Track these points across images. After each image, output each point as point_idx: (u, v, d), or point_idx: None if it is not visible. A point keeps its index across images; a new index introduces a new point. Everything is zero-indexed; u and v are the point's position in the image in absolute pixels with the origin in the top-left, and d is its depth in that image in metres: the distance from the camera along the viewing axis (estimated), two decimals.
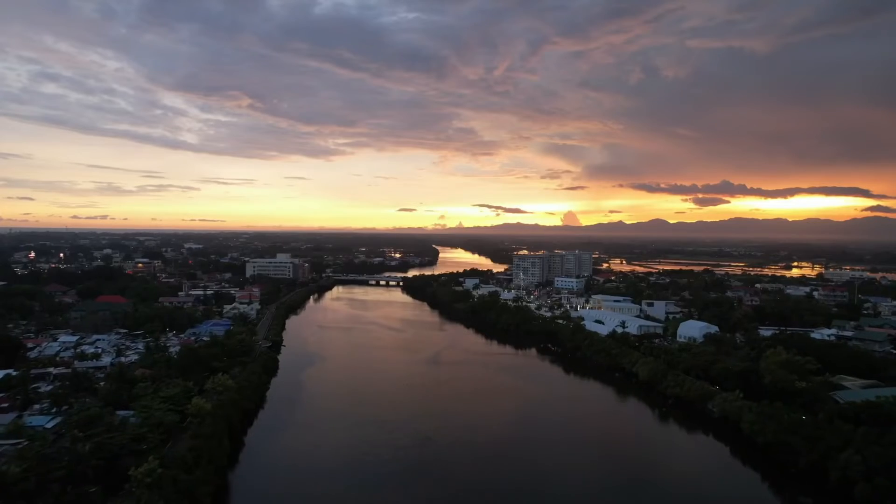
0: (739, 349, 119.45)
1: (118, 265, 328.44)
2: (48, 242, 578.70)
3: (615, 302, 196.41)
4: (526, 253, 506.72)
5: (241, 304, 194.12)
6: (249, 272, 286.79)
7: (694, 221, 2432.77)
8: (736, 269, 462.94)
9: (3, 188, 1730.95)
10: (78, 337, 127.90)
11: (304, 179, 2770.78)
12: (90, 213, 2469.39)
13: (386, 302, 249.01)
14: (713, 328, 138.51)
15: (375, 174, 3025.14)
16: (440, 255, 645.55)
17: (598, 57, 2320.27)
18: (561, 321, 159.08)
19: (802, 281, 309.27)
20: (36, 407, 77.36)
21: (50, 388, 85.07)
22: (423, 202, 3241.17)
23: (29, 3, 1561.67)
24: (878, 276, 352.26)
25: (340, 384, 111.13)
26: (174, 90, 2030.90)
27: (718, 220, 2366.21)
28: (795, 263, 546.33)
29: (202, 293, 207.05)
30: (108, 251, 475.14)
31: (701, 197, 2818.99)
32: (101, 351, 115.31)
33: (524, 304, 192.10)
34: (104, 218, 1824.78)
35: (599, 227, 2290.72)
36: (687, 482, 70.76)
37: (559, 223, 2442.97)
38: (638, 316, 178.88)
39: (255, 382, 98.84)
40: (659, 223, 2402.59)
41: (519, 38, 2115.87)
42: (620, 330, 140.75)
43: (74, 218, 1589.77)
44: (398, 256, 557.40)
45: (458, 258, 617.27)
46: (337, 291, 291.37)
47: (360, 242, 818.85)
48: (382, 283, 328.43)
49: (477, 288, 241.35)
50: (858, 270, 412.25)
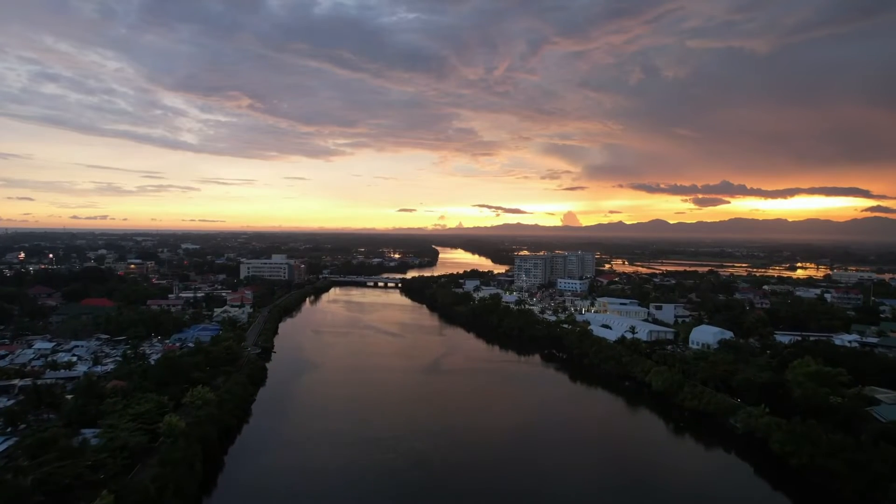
0: (758, 357, 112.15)
1: (110, 266, 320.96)
2: (43, 243, 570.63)
3: (621, 305, 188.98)
4: (527, 254, 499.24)
5: (232, 307, 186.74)
6: (244, 273, 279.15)
7: (694, 222, 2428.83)
8: (740, 269, 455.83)
9: (2, 188, 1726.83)
10: (54, 344, 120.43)
11: (303, 180, 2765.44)
12: (90, 213, 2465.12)
13: (384, 304, 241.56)
14: (728, 333, 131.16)
15: (375, 174, 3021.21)
16: (440, 255, 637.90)
17: (598, 57, 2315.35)
18: (566, 325, 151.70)
19: (811, 282, 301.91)
20: None
21: (11, 402, 77.61)
22: (422, 202, 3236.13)
23: (29, 3, 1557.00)
24: (886, 277, 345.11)
25: (333, 396, 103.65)
26: (174, 90, 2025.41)
27: (718, 220, 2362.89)
28: (800, 264, 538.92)
29: (192, 296, 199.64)
30: (102, 251, 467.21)
31: (701, 197, 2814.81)
32: (76, 359, 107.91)
33: (527, 307, 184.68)
34: (104, 218, 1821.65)
35: (599, 227, 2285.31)
36: None
37: (559, 223, 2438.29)
38: (646, 320, 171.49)
39: (239, 394, 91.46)
40: (659, 223, 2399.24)
41: (519, 38, 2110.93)
42: (630, 336, 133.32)
43: (74, 218, 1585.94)
44: (397, 257, 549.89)
45: (457, 259, 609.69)
46: (334, 293, 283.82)
47: (359, 243, 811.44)
48: (381, 284, 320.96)
49: (478, 290, 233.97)
50: (864, 271, 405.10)
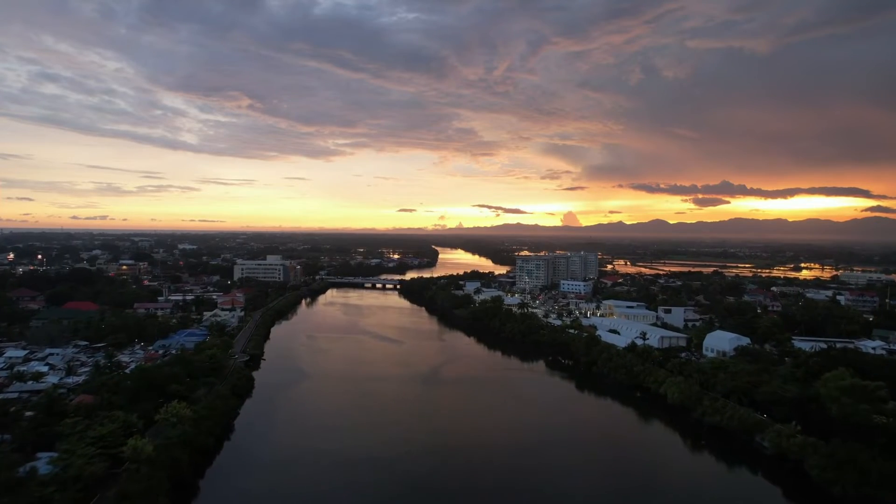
0: (780, 366, 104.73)
1: (102, 267, 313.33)
2: (38, 243, 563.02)
3: (628, 308, 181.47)
4: (528, 254, 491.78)
5: (223, 310, 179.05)
6: (237, 275, 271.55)
7: (694, 222, 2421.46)
8: (744, 270, 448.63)
9: (2, 188, 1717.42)
10: (27, 351, 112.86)
11: (303, 180, 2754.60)
12: (90, 213, 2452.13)
13: (381, 307, 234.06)
14: (744, 340, 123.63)
15: (375, 174, 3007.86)
16: (440, 255, 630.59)
17: (597, 57, 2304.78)
18: (573, 331, 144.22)
19: (820, 283, 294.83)
20: None
21: None
22: (422, 202, 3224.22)
23: (29, 3, 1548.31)
24: (894, 277, 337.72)
25: (324, 409, 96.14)
26: (174, 90, 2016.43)
27: (718, 220, 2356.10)
28: (805, 265, 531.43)
29: (181, 298, 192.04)
30: (97, 252, 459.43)
31: (701, 197, 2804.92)
32: (48, 369, 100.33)
33: (530, 310, 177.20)
34: (104, 218, 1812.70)
35: (599, 227, 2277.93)
36: None
37: (559, 223, 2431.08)
38: (654, 324, 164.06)
39: (220, 409, 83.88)
40: (659, 223, 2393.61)
41: (519, 38, 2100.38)
42: (641, 342, 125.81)
43: (74, 218, 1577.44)
44: (396, 258, 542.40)
45: (457, 259, 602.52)
46: (330, 295, 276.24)
47: (358, 243, 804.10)
48: (379, 285, 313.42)
49: (478, 292, 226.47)
50: (870, 272, 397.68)
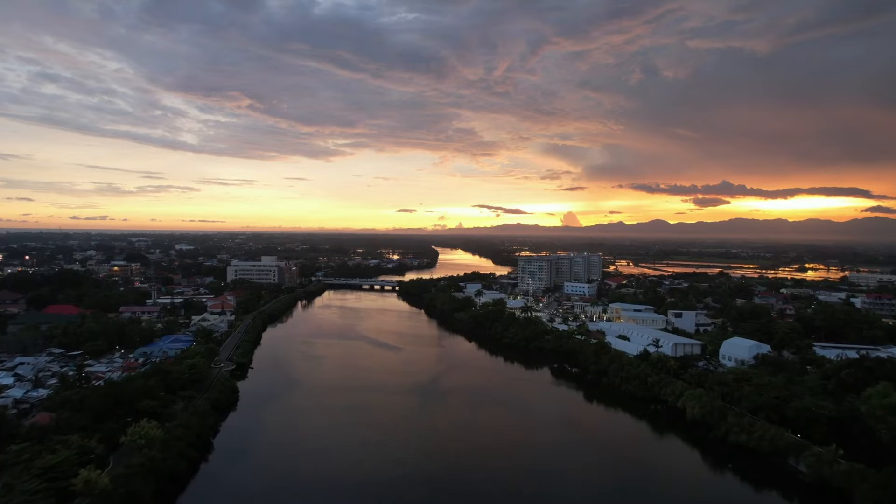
0: (805, 376, 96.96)
1: (93, 268, 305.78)
2: (34, 244, 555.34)
3: (636, 312, 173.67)
4: (529, 254, 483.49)
5: (212, 314, 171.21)
6: (230, 276, 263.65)
7: (694, 222, 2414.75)
8: (749, 271, 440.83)
9: (2, 189, 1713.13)
10: None
11: (303, 180, 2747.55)
12: (90, 213, 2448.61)
13: (379, 310, 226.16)
14: (764, 347, 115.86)
15: (375, 175, 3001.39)
16: (439, 256, 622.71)
17: (597, 57, 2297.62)
18: (580, 337, 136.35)
19: (830, 285, 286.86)
20: None
21: None
22: (422, 203, 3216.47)
23: (29, 3, 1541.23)
24: None
25: (312, 426, 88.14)
26: (174, 91, 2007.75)
27: (719, 220, 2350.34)
28: (810, 265, 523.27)
29: (170, 301, 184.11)
30: (91, 253, 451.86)
31: (701, 197, 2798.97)
32: (14, 381, 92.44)
33: (534, 314, 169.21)
34: (104, 219, 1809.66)
35: (599, 227, 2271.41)
36: None
37: (559, 224, 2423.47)
38: (665, 329, 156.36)
39: (196, 427, 75.91)
40: (659, 224, 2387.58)
41: (519, 38, 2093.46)
42: (654, 350, 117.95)
43: (74, 219, 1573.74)
44: (395, 258, 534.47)
45: (457, 259, 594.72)
46: (327, 297, 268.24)
47: (358, 243, 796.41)
48: (377, 287, 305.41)
49: (479, 294, 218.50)
50: (877, 273, 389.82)
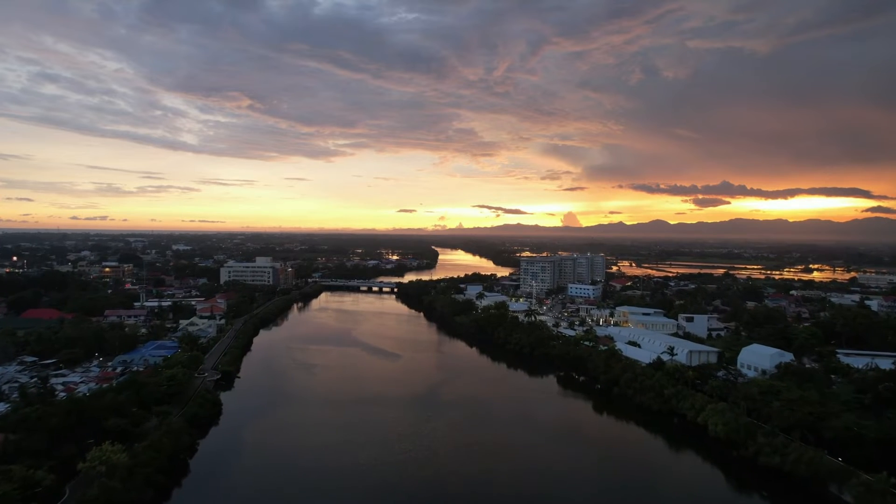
0: (834, 387, 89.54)
1: (84, 269, 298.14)
2: (29, 244, 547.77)
3: (645, 316, 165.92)
4: (530, 255, 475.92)
5: (201, 318, 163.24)
6: (224, 278, 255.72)
7: (694, 222, 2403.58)
8: (754, 272, 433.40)
9: (2, 189, 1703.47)
10: None
11: (303, 180, 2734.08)
12: (90, 213, 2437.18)
13: (377, 313, 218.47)
14: (787, 356, 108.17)
15: (375, 175, 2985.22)
16: (440, 256, 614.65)
17: (598, 57, 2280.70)
18: (587, 343, 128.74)
19: (841, 287, 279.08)
20: None
21: None
22: (423, 203, 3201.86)
23: (29, 3, 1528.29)
24: None
25: (299, 444, 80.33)
26: (174, 91, 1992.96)
27: (719, 220, 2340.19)
28: (815, 266, 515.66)
29: (157, 304, 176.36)
30: (85, 253, 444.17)
31: (701, 198, 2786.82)
32: None
33: (538, 318, 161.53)
34: (104, 219, 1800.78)
35: (599, 227, 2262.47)
36: None
37: (559, 224, 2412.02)
38: (676, 334, 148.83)
39: (168, 449, 68.27)
40: (659, 224, 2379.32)
41: (519, 38, 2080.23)
42: (668, 358, 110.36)
43: (74, 219, 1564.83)
44: (395, 259, 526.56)
45: (458, 260, 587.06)
46: (324, 299, 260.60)
47: (357, 244, 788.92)
48: (375, 289, 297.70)
49: (481, 297, 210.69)
50: (884, 274, 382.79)
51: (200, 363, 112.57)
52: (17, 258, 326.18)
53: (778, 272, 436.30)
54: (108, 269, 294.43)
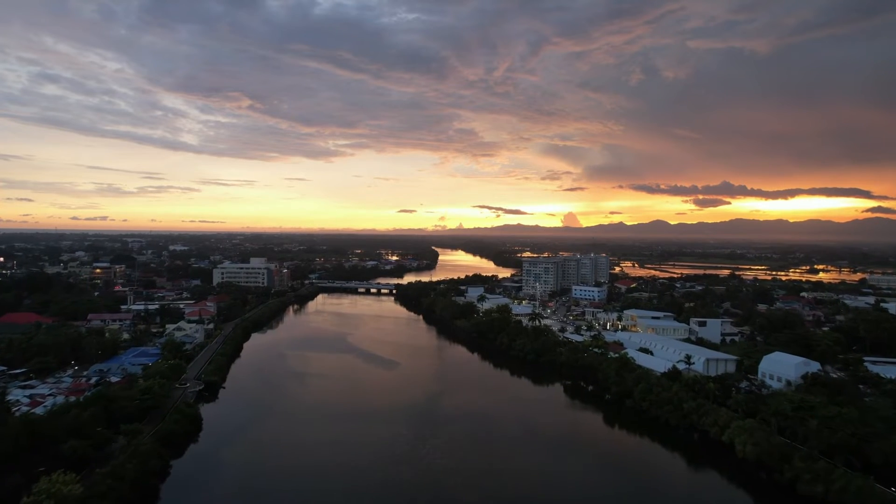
0: (873, 402, 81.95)
1: (74, 270, 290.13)
2: (23, 244, 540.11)
3: (654, 320, 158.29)
4: (530, 255, 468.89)
5: (189, 322, 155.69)
6: (217, 279, 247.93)
7: (695, 223, 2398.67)
8: (759, 272, 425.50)
9: (2, 189, 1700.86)
10: None
11: (304, 181, 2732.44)
12: (90, 214, 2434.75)
13: (374, 316, 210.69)
14: (813, 365, 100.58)
15: (376, 175, 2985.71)
16: (440, 257, 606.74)
17: (598, 57, 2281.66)
18: (596, 350, 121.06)
19: (852, 288, 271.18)
20: None
21: None
22: (423, 203, 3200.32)
23: (29, 4, 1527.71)
24: None
25: (283, 469, 72.30)
26: (174, 91, 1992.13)
27: (719, 220, 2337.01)
28: (820, 266, 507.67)
29: (143, 308, 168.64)
30: (80, 254, 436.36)
31: (701, 198, 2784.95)
32: None
33: (542, 322, 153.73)
34: (104, 219, 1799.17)
35: (600, 228, 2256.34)
36: None
37: (559, 224, 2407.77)
38: (688, 339, 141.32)
39: (133, 474, 60.44)
40: (660, 224, 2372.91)
41: (519, 38, 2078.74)
42: (684, 367, 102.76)
43: (74, 219, 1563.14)
44: (395, 259, 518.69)
45: (458, 261, 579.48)
46: (320, 301, 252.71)
47: (357, 244, 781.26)
48: (373, 290, 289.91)
49: (482, 299, 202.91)
50: (892, 275, 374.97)
51: (183, 372, 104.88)
52: (7, 259, 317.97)
53: (783, 273, 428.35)
54: (98, 270, 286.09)
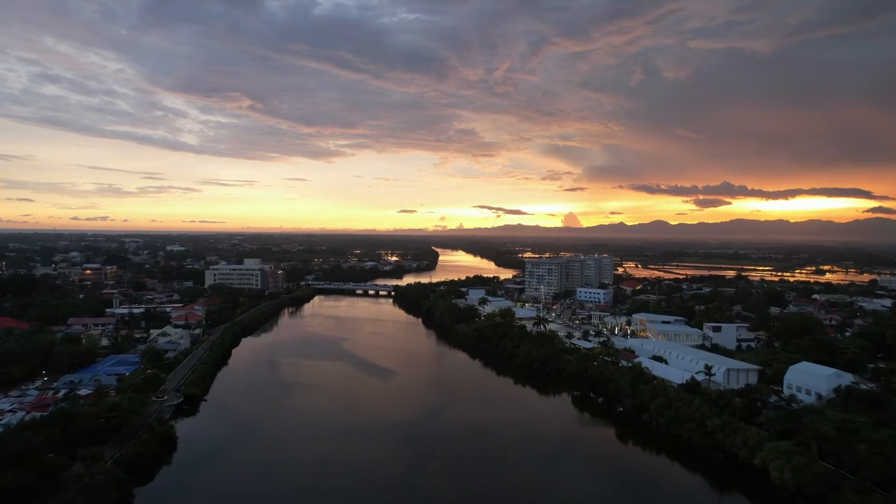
0: None
1: (64, 271, 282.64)
2: (17, 244, 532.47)
3: (665, 325, 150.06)
4: (531, 255, 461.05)
5: (176, 326, 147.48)
6: (209, 281, 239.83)
7: (695, 223, 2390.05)
8: (765, 273, 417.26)
9: (3, 189, 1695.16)
10: None
11: (304, 181, 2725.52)
12: (90, 214, 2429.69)
13: (372, 319, 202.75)
14: (846, 377, 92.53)
15: (376, 175, 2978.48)
16: (440, 257, 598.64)
17: (598, 58, 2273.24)
18: (606, 358, 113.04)
19: (864, 290, 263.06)
20: None
21: None
22: (423, 203, 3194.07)
23: (29, 4, 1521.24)
24: None
25: (258, 500, 64.50)
26: (174, 91, 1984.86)
27: (720, 221, 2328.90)
28: (827, 267, 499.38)
29: (128, 311, 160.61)
30: (74, 254, 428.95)
31: (702, 198, 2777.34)
32: None
33: (547, 327, 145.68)
34: (104, 219, 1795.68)
35: (600, 228, 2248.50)
36: None
37: (560, 224, 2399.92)
38: (702, 346, 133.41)
39: None
40: (660, 224, 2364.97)
41: (519, 38, 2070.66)
42: (703, 378, 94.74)
43: (74, 219, 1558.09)
44: (394, 260, 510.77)
45: (458, 261, 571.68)
46: (316, 304, 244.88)
47: (356, 244, 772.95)
48: (371, 292, 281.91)
49: (484, 302, 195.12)
50: None
51: (161, 384, 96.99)
52: None
53: (789, 273, 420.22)
54: (89, 271, 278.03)
